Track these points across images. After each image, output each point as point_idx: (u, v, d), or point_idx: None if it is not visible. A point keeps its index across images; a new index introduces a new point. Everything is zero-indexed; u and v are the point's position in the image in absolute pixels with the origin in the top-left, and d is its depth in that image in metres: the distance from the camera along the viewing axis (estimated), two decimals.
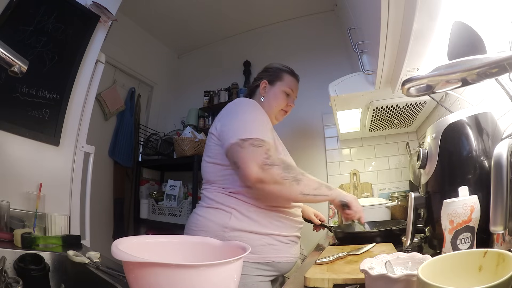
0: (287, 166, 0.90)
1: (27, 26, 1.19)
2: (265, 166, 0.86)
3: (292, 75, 1.23)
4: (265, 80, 1.21)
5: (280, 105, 1.19)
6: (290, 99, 1.21)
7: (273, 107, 1.18)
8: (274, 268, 0.99)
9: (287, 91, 1.19)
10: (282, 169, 0.88)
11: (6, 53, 0.55)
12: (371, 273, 0.47)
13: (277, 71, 1.22)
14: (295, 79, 1.24)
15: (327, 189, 0.97)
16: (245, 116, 0.99)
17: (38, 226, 1.09)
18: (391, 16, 0.74)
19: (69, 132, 1.32)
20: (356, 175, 2.06)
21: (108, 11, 1.44)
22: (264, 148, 0.89)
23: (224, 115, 1.06)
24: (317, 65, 2.39)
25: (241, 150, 0.89)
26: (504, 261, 0.36)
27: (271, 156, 0.89)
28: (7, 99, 1.12)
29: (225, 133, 0.97)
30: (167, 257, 0.57)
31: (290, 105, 1.21)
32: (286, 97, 1.19)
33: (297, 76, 1.26)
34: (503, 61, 0.45)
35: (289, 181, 0.88)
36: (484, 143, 0.66)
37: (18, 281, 0.68)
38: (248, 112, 1.01)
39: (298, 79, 1.26)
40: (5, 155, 1.10)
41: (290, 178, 0.89)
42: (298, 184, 0.90)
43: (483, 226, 0.54)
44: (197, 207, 1.06)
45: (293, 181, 0.89)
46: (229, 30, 2.78)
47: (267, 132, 0.96)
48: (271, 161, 0.88)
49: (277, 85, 1.19)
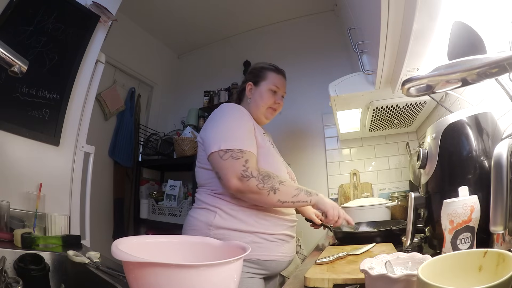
0: (264, 177, 0.94)
1: (27, 26, 1.19)
2: (243, 178, 0.92)
3: (276, 72, 1.23)
4: (250, 82, 1.22)
5: (267, 104, 1.18)
6: (277, 96, 1.20)
7: (260, 107, 1.18)
8: (262, 266, 1.00)
9: (273, 89, 1.19)
10: (260, 180, 0.93)
11: (6, 53, 0.55)
12: (371, 273, 0.47)
13: (260, 71, 1.23)
14: (280, 75, 1.23)
15: (307, 195, 1.01)
16: (226, 124, 1.04)
17: (38, 226, 1.09)
18: (391, 16, 0.74)
19: (69, 132, 1.32)
20: (356, 175, 2.06)
21: (108, 11, 1.44)
22: (242, 160, 0.94)
23: (208, 121, 1.10)
24: (317, 65, 2.40)
25: (221, 161, 0.95)
26: (504, 261, 0.36)
27: (249, 168, 0.94)
28: (7, 99, 1.12)
29: (207, 141, 1.01)
30: (167, 257, 0.57)
31: (278, 102, 1.20)
32: (272, 95, 1.19)
33: (282, 72, 1.25)
34: (503, 61, 0.45)
35: (266, 191, 0.94)
36: (484, 143, 0.66)
37: (18, 281, 0.68)
38: (230, 120, 1.05)
39: (283, 74, 1.25)
40: (5, 155, 1.10)
41: (267, 188, 0.93)
42: (275, 193, 0.94)
43: (483, 226, 0.54)
44: (190, 209, 1.13)
45: (270, 190, 0.94)
46: (229, 30, 2.78)
47: (247, 140, 1.00)
48: (249, 173, 0.93)
49: (262, 85, 1.20)
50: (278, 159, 1.14)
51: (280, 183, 0.96)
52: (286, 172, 1.14)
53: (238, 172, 0.92)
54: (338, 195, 2.09)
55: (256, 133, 1.07)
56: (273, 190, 0.94)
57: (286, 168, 1.17)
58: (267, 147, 1.10)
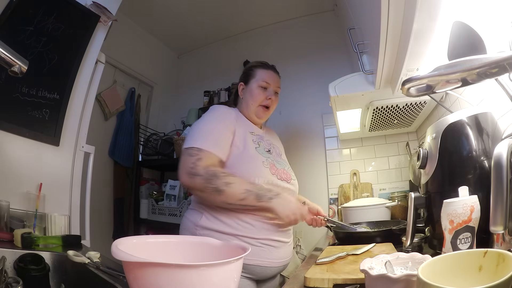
0: (210, 176, 0.94)
1: (27, 26, 1.19)
2: (190, 175, 0.95)
3: (265, 68, 1.21)
4: (241, 82, 1.23)
5: (257, 101, 1.17)
6: (268, 92, 1.18)
7: (250, 105, 1.18)
8: (246, 270, 0.98)
9: (262, 85, 1.18)
10: (205, 179, 0.94)
11: (6, 53, 0.55)
12: (371, 273, 0.47)
13: (249, 70, 1.23)
14: (270, 70, 1.22)
15: (256, 199, 0.95)
16: (200, 125, 1.08)
17: (38, 226, 1.09)
18: (391, 16, 0.74)
19: (69, 132, 1.32)
20: (356, 175, 2.06)
21: (108, 11, 1.44)
22: (195, 157, 0.97)
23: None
24: (317, 65, 2.39)
25: (181, 158, 1.01)
26: (504, 261, 0.36)
27: (198, 166, 0.95)
28: (7, 99, 1.12)
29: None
30: (167, 257, 0.57)
31: (269, 98, 1.18)
32: (262, 91, 1.18)
33: (271, 67, 1.23)
34: (503, 61, 0.45)
35: (210, 191, 0.94)
36: (484, 143, 0.66)
37: (18, 281, 0.68)
38: (205, 122, 1.09)
39: (274, 70, 1.23)
40: (5, 155, 1.09)
41: (211, 188, 0.94)
42: (220, 194, 0.94)
43: (483, 226, 0.54)
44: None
45: (214, 191, 0.94)
46: (229, 30, 2.77)
47: (211, 141, 1.01)
48: (195, 171, 0.95)
49: (251, 83, 1.19)
50: (258, 162, 1.06)
51: (226, 185, 0.93)
52: (269, 175, 1.06)
53: (187, 168, 0.96)
54: (338, 195, 2.09)
55: (237, 134, 1.07)
56: (217, 191, 0.93)
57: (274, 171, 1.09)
58: (249, 149, 1.07)
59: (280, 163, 1.15)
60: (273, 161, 1.12)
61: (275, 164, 1.12)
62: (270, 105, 1.20)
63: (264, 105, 1.19)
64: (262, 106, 1.18)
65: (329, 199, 2.12)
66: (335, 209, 2.05)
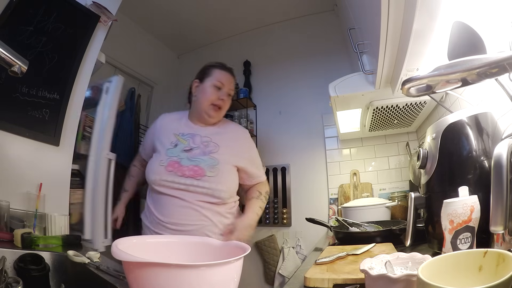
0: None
1: (27, 26, 1.19)
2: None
3: (222, 69, 1.23)
4: (196, 80, 1.25)
5: (209, 99, 1.18)
6: (222, 92, 1.19)
7: (201, 103, 1.18)
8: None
9: (217, 84, 1.19)
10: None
11: (6, 53, 0.55)
12: (371, 273, 0.47)
13: (207, 69, 1.25)
14: (226, 72, 1.23)
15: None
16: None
17: (38, 226, 1.09)
18: (391, 16, 0.74)
19: (69, 132, 1.32)
20: (356, 175, 2.06)
21: (108, 11, 1.44)
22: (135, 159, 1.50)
23: None
24: (317, 65, 2.39)
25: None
26: (504, 261, 0.36)
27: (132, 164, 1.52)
28: (7, 99, 1.12)
29: None
30: (167, 257, 0.57)
31: (222, 98, 1.19)
32: (216, 91, 1.19)
33: (229, 69, 1.25)
34: (503, 61, 0.45)
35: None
36: (484, 143, 0.66)
37: (18, 281, 0.67)
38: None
39: (231, 72, 1.25)
40: (5, 155, 1.09)
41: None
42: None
43: (483, 226, 0.54)
44: None
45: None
46: (229, 30, 2.77)
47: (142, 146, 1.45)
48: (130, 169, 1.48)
49: (206, 81, 1.21)
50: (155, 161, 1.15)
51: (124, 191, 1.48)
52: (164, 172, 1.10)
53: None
54: (338, 195, 2.09)
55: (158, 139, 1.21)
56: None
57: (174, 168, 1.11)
58: (160, 150, 1.17)
59: (193, 160, 1.12)
60: (179, 159, 1.11)
61: (181, 161, 1.11)
62: (222, 106, 1.21)
63: (216, 104, 1.19)
64: (214, 105, 1.19)
65: (329, 199, 2.12)
66: (335, 209, 2.05)
